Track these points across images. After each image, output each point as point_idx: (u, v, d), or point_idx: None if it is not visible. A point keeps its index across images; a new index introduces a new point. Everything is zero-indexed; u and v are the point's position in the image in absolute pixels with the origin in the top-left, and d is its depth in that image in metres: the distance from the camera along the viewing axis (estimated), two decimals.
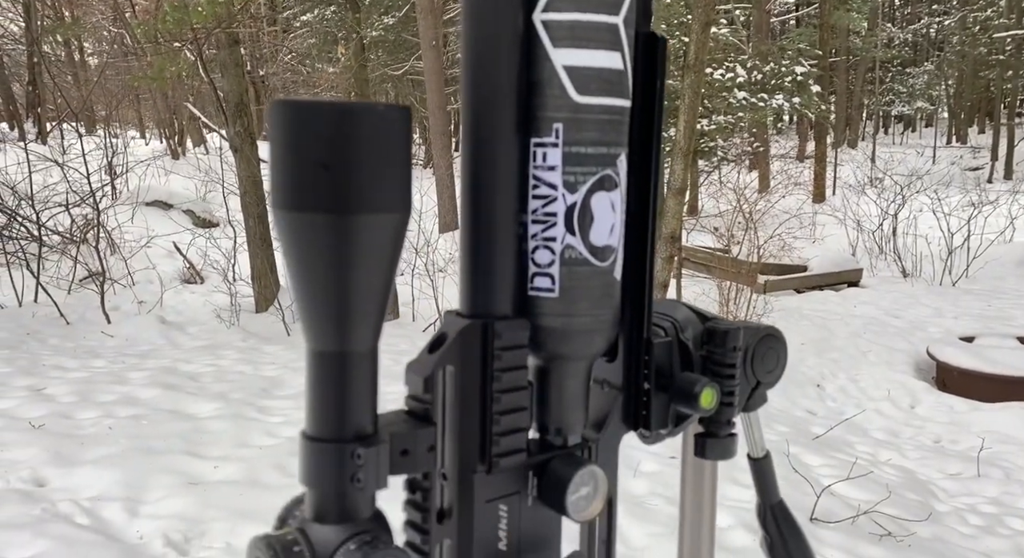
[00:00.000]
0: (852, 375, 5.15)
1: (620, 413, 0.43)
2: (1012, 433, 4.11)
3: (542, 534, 0.39)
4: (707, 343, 0.45)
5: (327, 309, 0.30)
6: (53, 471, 2.69)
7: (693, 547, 0.51)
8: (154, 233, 7.02)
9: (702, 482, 0.50)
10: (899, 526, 2.75)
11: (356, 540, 0.30)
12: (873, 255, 8.99)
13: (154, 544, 2.30)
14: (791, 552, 0.52)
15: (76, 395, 3.49)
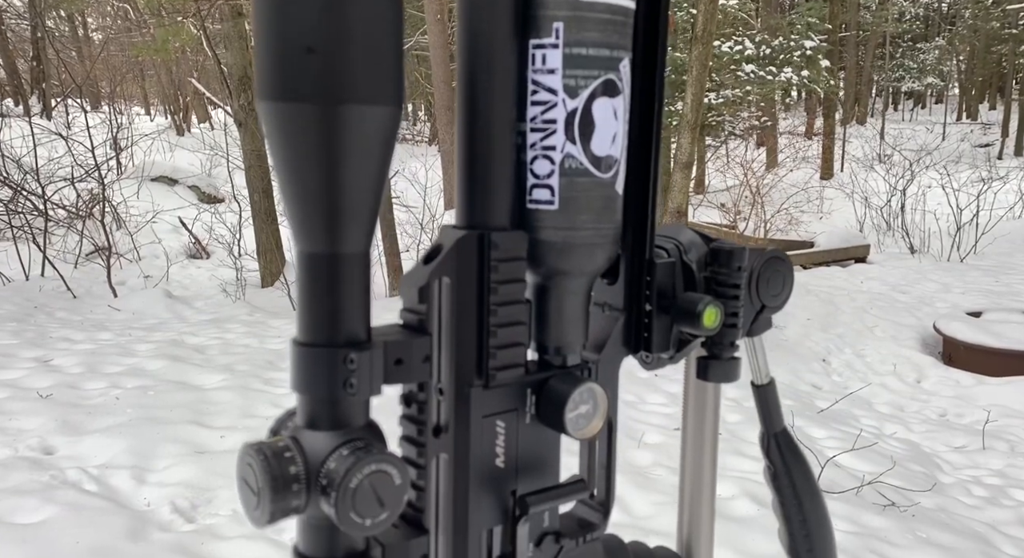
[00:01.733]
0: (858, 350, 5.14)
1: (621, 336, 0.42)
2: (1018, 407, 4.11)
3: (540, 454, 0.38)
4: (711, 264, 0.44)
5: (316, 206, 0.29)
6: (61, 439, 2.71)
7: (695, 472, 0.50)
8: (160, 208, 7.02)
9: (704, 406, 0.49)
10: (903, 497, 2.76)
11: (349, 446, 0.29)
12: (881, 231, 8.93)
13: (161, 511, 2.32)
14: (795, 480, 0.51)
15: (83, 366, 3.51)
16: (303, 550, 0.31)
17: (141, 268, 6.28)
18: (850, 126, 20.03)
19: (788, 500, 0.51)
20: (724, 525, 2.43)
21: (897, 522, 2.56)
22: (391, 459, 0.30)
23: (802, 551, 0.52)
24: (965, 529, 2.57)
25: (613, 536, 0.46)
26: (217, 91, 13.49)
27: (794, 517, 0.51)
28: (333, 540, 0.31)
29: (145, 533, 2.14)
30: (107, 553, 1.99)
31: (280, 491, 0.28)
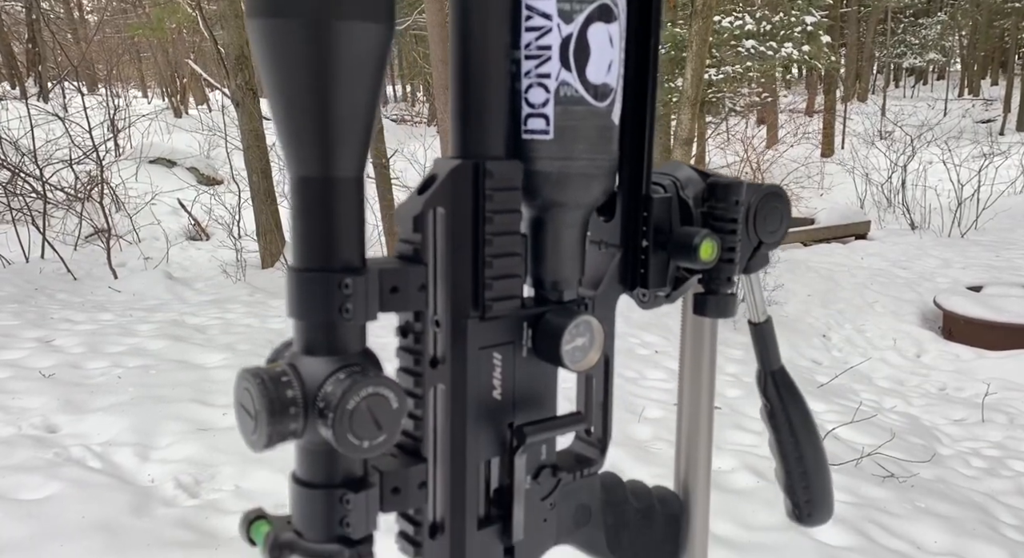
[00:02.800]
0: (858, 325, 5.15)
1: (617, 272, 0.42)
2: (1018, 380, 4.12)
3: (537, 388, 0.38)
4: (708, 199, 0.44)
5: (308, 127, 0.29)
6: (64, 418, 2.72)
7: (692, 411, 0.50)
8: (158, 190, 7.00)
9: (701, 343, 0.49)
10: (902, 468, 2.77)
11: (346, 371, 0.29)
12: (881, 208, 8.91)
13: (165, 486, 2.33)
14: (791, 418, 0.51)
15: (85, 346, 3.52)
16: (301, 476, 0.31)
17: (141, 250, 6.28)
18: (851, 103, 19.91)
19: (785, 438, 0.51)
20: (724, 497, 2.44)
21: (896, 493, 2.58)
22: (388, 383, 0.30)
23: (798, 489, 0.52)
24: (964, 499, 2.59)
25: (610, 473, 0.46)
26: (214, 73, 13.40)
27: (790, 455, 0.51)
28: (331, 465, 0.31)
29: (149, 508, 2.16)
30: (112, 528, 2.00)
31: (277, 414, 0.28)
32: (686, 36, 5.98)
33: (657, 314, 5.16)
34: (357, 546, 0.31)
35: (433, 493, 0.35)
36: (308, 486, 0.31)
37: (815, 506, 0.52)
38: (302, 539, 0.31)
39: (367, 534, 0.32)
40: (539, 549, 0.40)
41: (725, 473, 2.65)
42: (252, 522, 0.32)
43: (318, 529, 0.31)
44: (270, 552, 0.31)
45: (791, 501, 0.52)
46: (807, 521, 0.52)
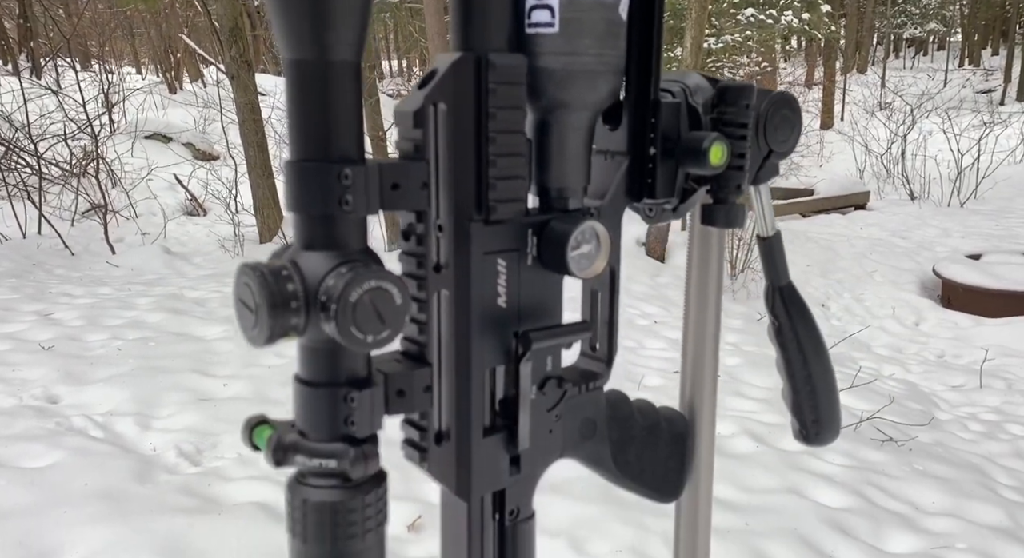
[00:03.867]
0: (857, 295, 5.16)
1: (624, 183, 0.41)
2: (1016, 346, 4.13)
3: (543, 298, 0.37)
4: (718, 105, 0.43)
5: (303, 5, 0.28)
6: (65, 389, 2.72)
7: (699, 327, 0.49)
8: (154, 165, 6.96)
9: (708, 257, 0.48)
10: (900, 432, 2.79)
11: (347, 265, 0.29)
12: (881, 178, 8.88)
13: (167, 455, 2.34)
14: (799, 335, 0.51)
15: (84, 319, 3.52)
16: (304, 376, 0.31)
17: (138, 225, 6.26)
18: (850, 75, 19.76)
19: (792, 356, 0.51)
20: (724, 462, 2.46)
21: (895, 456, 2.59)
22: (392, 278, 0.29)
23: (806, 409, 0.51)
24: (962, 462, 2.60)
25: (616, 390, 0.46)
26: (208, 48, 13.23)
27: (798, 373, 0.51)
28: (335, 364, 0.30)
29: (152, 476, 2.17)
30: (115, 495, 2.01)
31: (278, 307, 0.28)
32: (685, 5, 5.92)
33: (657, 286, 5.16)
34: (362, 445, 0.30)
35: (438, 400, 0.35)
36: (312, 385, 0.31)
37: (822, 426, 0.51)
38: (306, 439, 0.31)
39: (372, 433, 0.31)
40: (545, 460, 0.40)
41: (725, 438, 2.66)
42: (254, 427, 0.32)
43: (322, 428, 0.30)
44: (273, 454, 0.31)
45: (798, 421, 0.52)
46: (814, 441, 0.51)
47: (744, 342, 3.99)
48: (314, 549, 0.30)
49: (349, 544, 0.30)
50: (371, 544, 0.31)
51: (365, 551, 0.31)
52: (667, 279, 5.25)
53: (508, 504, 0.38)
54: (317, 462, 0.30)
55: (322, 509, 0.30)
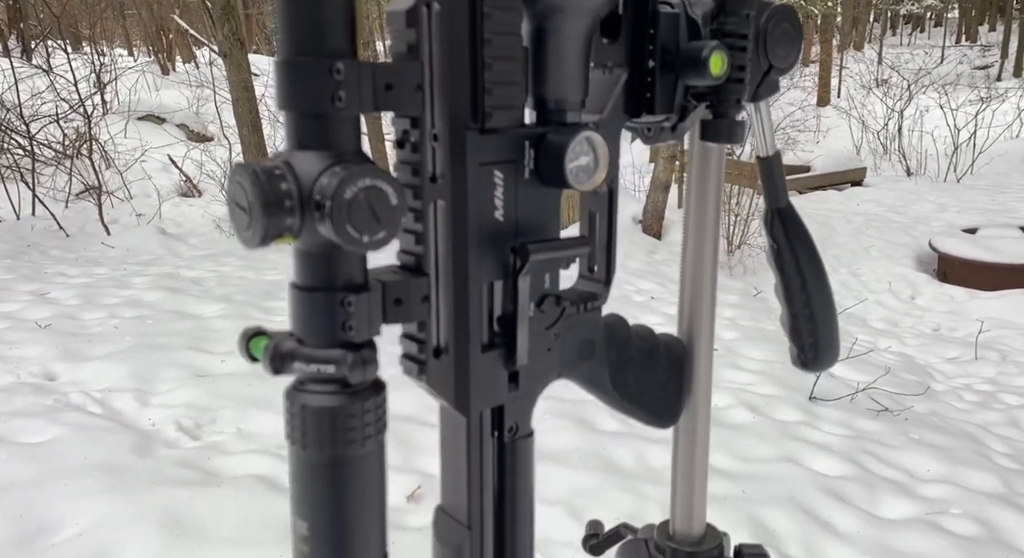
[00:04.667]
0: (853, 269, 5.16)
1: (622, 98, 0.41)
2: (1011, 318, 4.15)
3: (540, 213, 0.37)
4: (718, 16, 0.42)
5: None
6: (62, 366, 2.73)
7: (697, 250, 0.49)
8: (148, 146, 6.92)
9: (707, 175, 0.48)
10: (896, 402, 2.81)
11: (342, 164, 0.28)
12: (878, 155, 8.87)
13: (166, 430, 2.35)
14: (798, 257, 0.50)
15: (80, 298, 3.51)
16: (300, 282, 0.31)
17: (133, 206, 6.23)
18: (847, 52, 19.64)
19: (791, 280, 0.50)
20: (721, 432, 2.47)
21: (890, 426, 2.61)
22: (386, 177, 0.29)
23: (804, 332, 0.51)
24: (957, 430, 2.62)
25: (615, 314, 0.46)
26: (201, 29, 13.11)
27: (797, 297, 0.50)
28: (331, 268, 0.30)
29: (151, 449, 2.18)
30: (115, 468, 2.02)
31: (271, 206, 0.27)
32: None
33: (653, 263, 5.16)
34: (360, 350, 0.30)
35: (436, 313, 0.35)
36: (308, 290, 0.30)
37: (820, 350, 0.51)
38: (304, 346, 0.30)
39: (370, 339, 0.31)
40: (543, 379, 0.40)
41: (722, 409, 2.68)
42: (251, 338, 0.32)
43: (320, 333, 0.30)
44: (271, 362, 0.31)
45: (796, 346, 0.52)
46: (812, 366, 0.51)
47: (741, 317, 4.00)
48: (313, 455, 0.30)
49: (349, 449, 0.30)
50: (371, 450, 0.31)
51: (365, 457, 0.31)
52: (664, 256, 5.25)
53: (507, 421, 0.38)
54: (315, 368, 0.30)
55: (321, 414, 0.30)
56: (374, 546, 0.32)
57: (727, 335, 3.58)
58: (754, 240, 5.15)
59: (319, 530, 0.31)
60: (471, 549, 0.37)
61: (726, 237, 5.17)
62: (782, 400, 2.77)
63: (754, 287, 4.69)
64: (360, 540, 0.31)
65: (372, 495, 0.32)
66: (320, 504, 0.31)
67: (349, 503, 0.31)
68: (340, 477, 0.31)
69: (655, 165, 5.92)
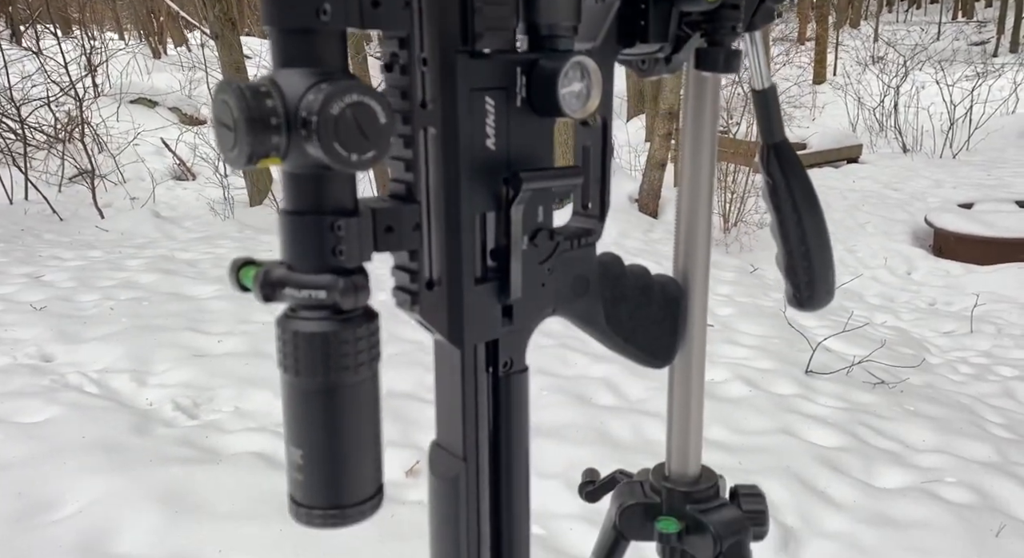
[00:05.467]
0: (849, 246, 5.17)
1: (616, 25, 0.40)
2: (1006, 292, 4.16)
3: (533, 144, 0.37)
4: None
5: None
6: (59, 347, 2.72)
7: (693, 186, 0.48)
8: (141, 128, 6.87)
9: (703, 105, 0.47)
10: (891, 375, 2.82)
11: (328, 81, 0.28)
12: (874, 132, 8.84)
13: (164, 409, 2.35)
14: (794, 193, 0.49)
15: (75, 281, 3.50)
16: (289, 206, 0.30)
17: (127, 190, 6.20)
18: (843, 29, 19.53)
19: (787, 217, 0.50)
20: (717, 405, 2.48)
21: (886, 398, 2.62)
22: (374, 93, 0.28)
23: (799, 270, 0.50)
24: (952, 402, 2.63)
25: (610, 252, 0.45)
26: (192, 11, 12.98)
27: (792, 233, 0.50)
28: (320, 190, 0.30)
29: (149, 428, 2.18)
30: (114, 446, 2.02)
31: (256, 123, 0.27)
32: None
33: (649, 241, 5.16)
34: (351, 275, 0.30)
35: (428, 244, 0.34)
36: (297, 214, 0.30)
37: (815, 288, 0.50)
38: (294, 273, 0.30)
39: (360, 264, 0.31)
40: (537, 314, 0.39)
41: (718, 383, 2.69)
42: (240, 268, 0.31)
43: (310, 258, 0.30)
44: (261, 289, 0.30)
45: (791, 284, 0.51)
46: (807, 304, 0.51)
47: (737, 294, 4.00)
48: (306, 381, 0.30)
49: (342, 376, 0.30)
50: (364, 378, 0.31)
51: (359, 384, 0.31)
52: (660, 235, 5.25)
53: (501, 356, 0.38)
54: (307, 293, 0.30)
55: (313, 340, 0.30)
56: (369, 475, 0.32)
57: (723, 311, 3.58)
58: (750, 217, 5.14)
59: (313, 457, 0.31)
60: (467, 481, 0.37)
61: (722, 215, 5.16)
62: (778, 374, 2.78)
63: (751, 264, 4.69)
64: (355, 468, 0.31)
65: (366, 424, 0.31)
66: (314, 431, 0.31)
67: (343, 430, 0.31)
68: (334, 403, 0.30)
69: (651, 144, 5.90)
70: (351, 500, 0.31)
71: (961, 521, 1.84)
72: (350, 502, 0.31)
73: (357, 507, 0.31)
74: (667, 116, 5.37)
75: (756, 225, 5.06)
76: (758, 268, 4.62)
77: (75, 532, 1.66)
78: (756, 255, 4.89)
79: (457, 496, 0.37)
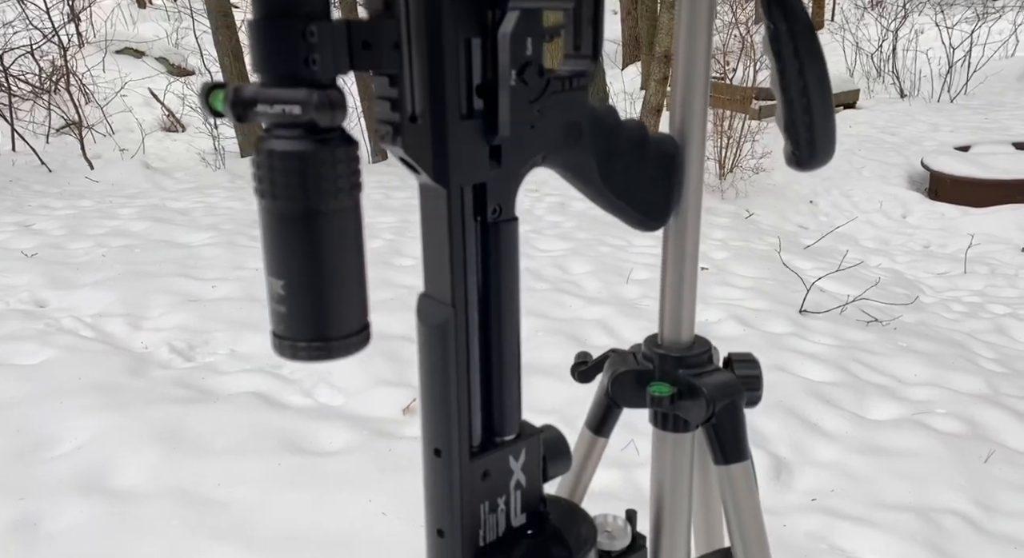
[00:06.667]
0: (845, 190, 5.14)
1: None
2: (1001, 233, 4.16)
3: None
4: None
5: None
6: (52, 293, 2.71)
7: (690, 40, 0.46)
8: (128, 78, 6.75)
9: None
10: (885, 313, 2.83)
11: None
12: (871, 78, 8.73)
13: (159, 352, 2.35)
14: (797, 40, 0.46)
15: (66, 229, 3.48)
16: (258, 13, 0.29)
17: (115, 142, 6.12)
18: None
19: (788, 66, 0.47)
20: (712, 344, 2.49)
21: (879, 335, 2.64)
22: None
23: (799, 125, 0.48)
24: (944, 338, 2.65)
25: (606, 104, 0.44)
26: None
27: (793, 84, 0.47)
28: None
29: (145, 370, 2.18)
30: (110, 387, 2.03)
31: None
32: None
33: None
34: (327, 89, 0.29)
35: (409, 70, 0.33)
36: (267, 19, 0.28)
37: (816, 145, 0.48)
38: (266, 88, 0.29)
39: (335, 77, 0.29)
40: (526, 157, 0.38)
41: (712, 324, 2.70)
42: (211, 92, 0.30)
43: (282, 68, 0.29)
44: (233, 109, 0.29)
45: (791, 141, 0.49)
46: (807, 163, 0.49)
47: (731, 238, 4.00)
48: (284, 206, 0.29)
49: (322, 200, 0.29)
50: (345, 206, 0.30)
51: (339, 213, 0.30)
52: None
53: (489, 202, 0.36)
54: (280, 108, 0.28)
55: (289, 158, 0.29)
56: (353, 310, 0.31)
57: (717, 255, 3.58)
58: (746, 163, 5.10)
59: (295, 288, 0.30)
60: (455, 327, 0.36)
61: (718, 161, 5.12)
62: (772, 314, 2.79)
63: (745, 209, 4.67)
64: (338, 299, 0.30)
65: (348, 255, 0.30)
66: (295, 259, 0.30)
67: (324, 258, 0.30)
68: (313, 228, 0.29)
69: (646, 90, 5.82)
70: (336, 333, 0.31)
71: (950, 449, 1.87)
72: (335, 335, 0.31)
73: (342, 340, 0.31)
74: (663, 59, 5.28)
75: (752, 170, 5.03)
76: (753, 213, 4.60)
77: (75, 467, 1.67)
78: (751, 201, 4.87)
79: (446, 343, 0.36)
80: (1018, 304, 3.19)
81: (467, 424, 0.38)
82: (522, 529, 0.41)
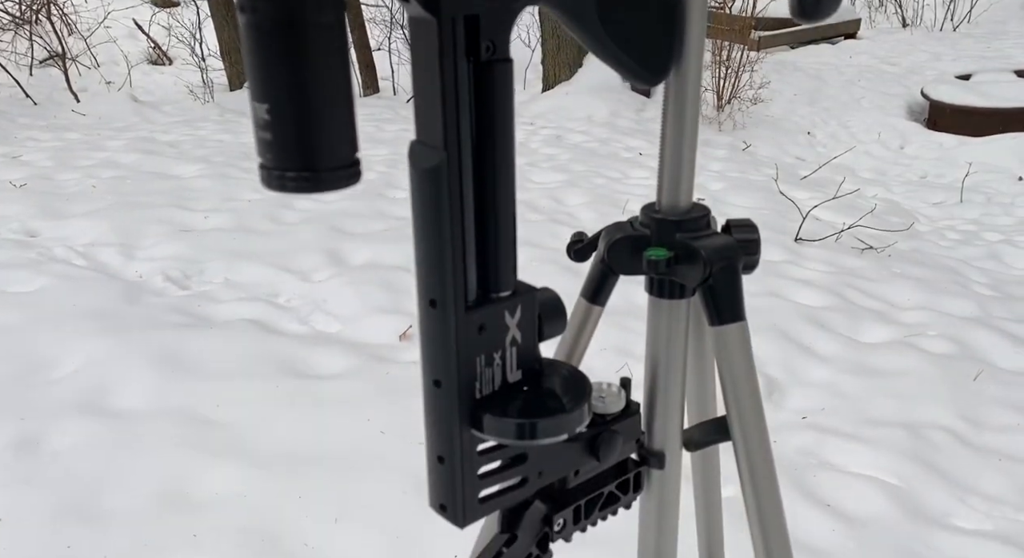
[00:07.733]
0: (843, 121, 5.09)
1: None
2: (998, 162, 4.13)
3: None
4: None
5: None
6: (43, 223, 2.69)
7: None
8: (111, 8, 6.56)
9: None
10: (880, 240, 2.83)
11: None
12: (873, 7, 8.55)
13: (154, 280, 2.35)
14: None
15: (54, 160, 3.43)
16: None
17: (101, 74, 5.98)
18: None
19: None
20: None
21: (874, 262, 2.64)
22: None
23: None
24: (938, 264, 2.66)
25: None
26: None
27: None
28: None
29: (141, 298, 2.18)
30: (106, 314, 2.03)
31: None
32: None
33: (642, 120, 5.06)
34: None
35: None
36: None
37: None
38: None
39: None
40: None
41: None
42: None
43: None
44: None
45: None
46: (813, 14, 0.45)
47: (728, 170, 3.97)
48: (263, 18, 0.27)
49: (304, 11, 0.27)
50: (328, 22, 0.28)
51: (323, 28, 0.27)
52: (652, 114, 5.14)
53: (482, 38, 0.35)
54: None
55: None
56: (342, 141, 0.30)
57: (714, 185, 3.56)
58: (744, 94, 5.03)
59: (280, 110, 0.29)
60: (448, 170, 0.35)
61: (716, 91, 5.04)
62: (768, 242, 2.77)
63: (743, 141, 4.63)
64: (326, 126, 0.29)
65: (334, 77, 0.29)
66: (279, 78, 0.28)
67: (309, 78, 0.28)
68: (296, 43, 0.28)
69: None
70: (325, 164, 0.30)
71: (940, 369, 1.89)
72: (324, 166, 0.30)
73: (332, 172, 0.30)
74: None
75: (750, 101, 4.96)
76: (751, 145, 4.56)
77: (74, 389, 1.68)
78: (749, 132, 4.82)
79: (439, 188, 0.35)
80: (1013, 231, 3.19)
81: (462, 275, 0.37)
82: (518, 384, 0.41)
